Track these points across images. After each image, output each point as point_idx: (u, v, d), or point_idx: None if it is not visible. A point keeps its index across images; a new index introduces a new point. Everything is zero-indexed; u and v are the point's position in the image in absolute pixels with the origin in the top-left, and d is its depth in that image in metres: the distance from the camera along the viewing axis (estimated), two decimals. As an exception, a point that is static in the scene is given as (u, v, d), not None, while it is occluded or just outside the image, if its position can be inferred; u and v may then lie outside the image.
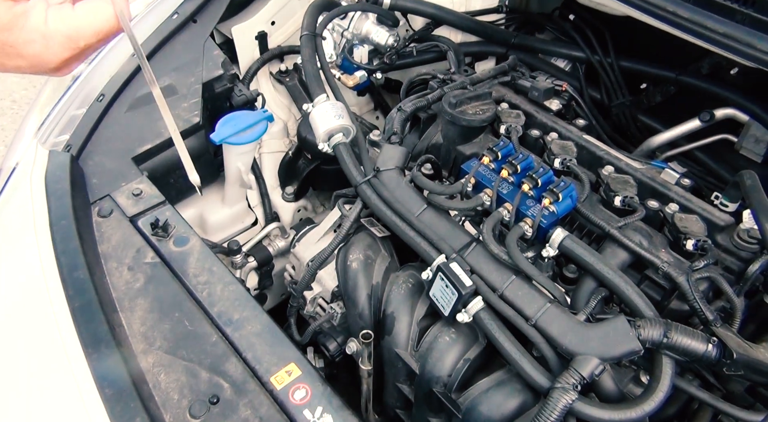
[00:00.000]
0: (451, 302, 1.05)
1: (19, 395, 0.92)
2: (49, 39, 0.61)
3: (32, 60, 0.63)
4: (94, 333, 0.93)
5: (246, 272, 1.60)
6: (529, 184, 1.10)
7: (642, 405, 0.89)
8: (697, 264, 0.98)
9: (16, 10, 0.59)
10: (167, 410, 0.92)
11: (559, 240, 1.04)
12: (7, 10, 0.59)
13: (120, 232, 1.17)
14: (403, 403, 1.24)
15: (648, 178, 1.16)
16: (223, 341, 1.02)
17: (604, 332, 0.94)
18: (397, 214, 1.18)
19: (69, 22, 0.62)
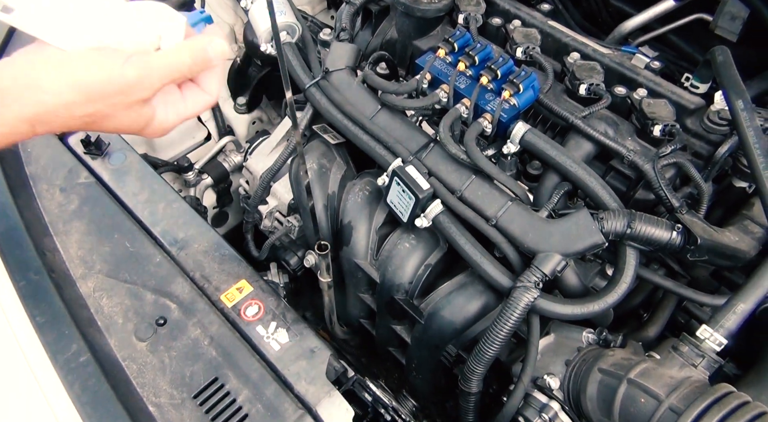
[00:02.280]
0: (409, 208, 1.00)
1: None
2: (166, 129, 0.70)
3: (142, 136, 0.70)
4: (20, 259, 0.86)
5: (202, 190, 1.52)
6: (487, 76, 1.01)
7: (605, 298, 0.87)
8: (664, 150, 0.93)
9: (145, 115, 0.66)
10: (111, 334, 0.88)
11: (520, 135, 0.98)
12: (139, 117, 0.66)
13: (49, 151, 1.08)
14: (366, 313, 1.22)
15: (616, 63, 1.08)
16: (168, 261, 0.97)
17: (567, 227, 0.90)
18: (349, 117, 1.09)
19: (184, 114, 0.70)
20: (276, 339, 0.90)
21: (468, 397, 0.96)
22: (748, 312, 0.78)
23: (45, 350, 0.80)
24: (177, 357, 0.86)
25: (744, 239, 0.89)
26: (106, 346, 0.85)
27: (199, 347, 0.87)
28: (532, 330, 0.91)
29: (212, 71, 0.71)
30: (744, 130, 0.85)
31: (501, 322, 0.87)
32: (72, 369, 0.80)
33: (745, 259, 0.88)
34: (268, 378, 0.85)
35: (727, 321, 0.78)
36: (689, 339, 0.80)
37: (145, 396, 0.82)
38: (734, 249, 0.87)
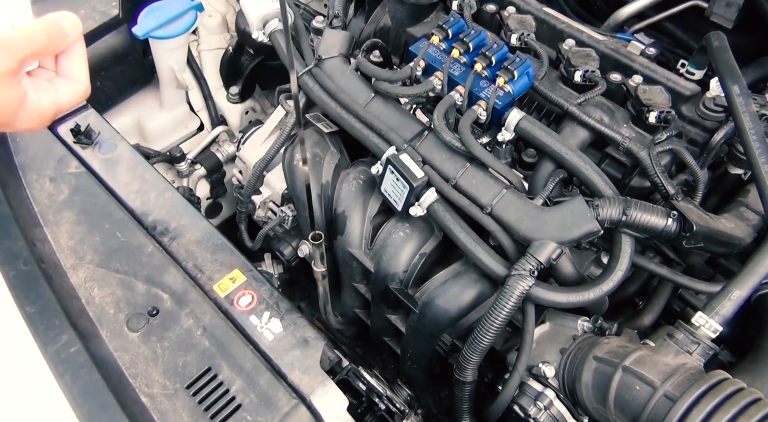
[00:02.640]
0: (403, 196, 0.99)
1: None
2: (42, 116, 0.68)
3: (22, 129, 0.69)
4: (9, 249, 0.85)
5: (195, 181, 1.51)
6: (482, 63, 1.00)
7: (600, 286, 0.86)
8: (660, 137, 0.92)
9: (15, 93, 0.65)
10: (103, 325, 0.87)
11: (515, 122, 0.97)
12: (8, 94, 0.64)
13: (38, 141, 1.06)
14: (361, 303, 1.21)
15: (611, 50, 1.07)
16: (160, 251, 0.96)
17: (562, 214, 0.89)
18: (342, 106, 1.08)
19: (57, 101, 0.69)
20: (269, 329, 0.89)
21: (463, 386, 0.95)
22: (743, 299, 0.78)
23: (35, 340, 0.79)
24: (170, 348, 0.85)
25: (739, 225, 0.89)
26: (97, 337, 0.84)
27: (191, 337, 0.86)
28: (527, 318, 0.91)
29: (75, 56, 0.71)
30: (740, 115, 0.84)
31: (496, 311, 0.86)
32: (63, 359, 0.79)
33: (740, 246, 0.88)
34: (262, 367, 0.84)
35: (723, 308, 0.78)
36: (684, 326, 0.80)
37: (138, 387, 0.81)
38: (730, 236, 0.87)
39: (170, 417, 0.79)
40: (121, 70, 1.34)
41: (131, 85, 1.43)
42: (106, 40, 1.27)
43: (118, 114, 1.42)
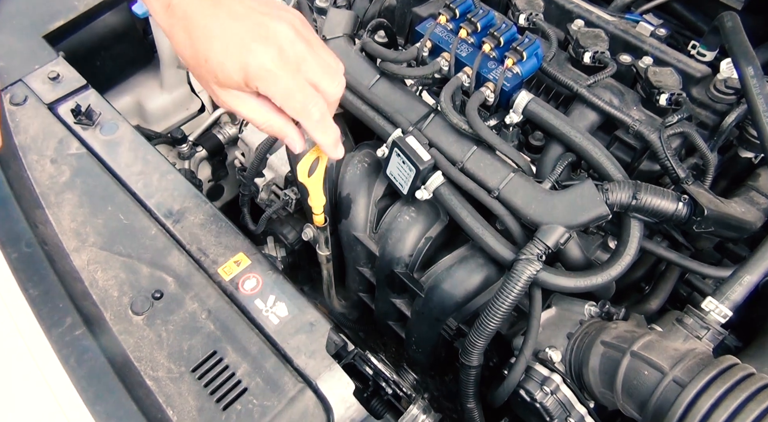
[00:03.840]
0: (409, 180, 0.98)
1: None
2: None
3: None
4: (11, 231, 0.84)
5: (196, 163, 1.50)
6: (490, 43, 0.98)
7: (608, 271, 0.85)
8: (670, 120, 0.90)
9: None
10: (107, 308, 0.86)
11: (523, 104, 0.95)
12: None
13: (38, 121, 1.04)
14: (365, 287, 1.21)
15: (621, 31, 1.05)
16: (164, 234, 0.95)
17: (571, 198, 0.88)
18: (347, 87, 1.06)
19: None
20: (275, 313, 0.88)
21: (468, 370, 0.95)
22: (754, 284, 0.78)
23: (39, 323, 0.78)
24: (174, 331, 0.84)
25: (750, 210, 0.88)
26: (101, 320, 0.83)
27: (196, 321, 0.86)
28: (534, 302, 0.90)
29: None
30: (754, 97, 0.83)
31: (503, 295, 0.85)
32: (67, 342, 0.78)
33: (751, 230, 0.87)
34: (268, 351, 0.84)
35: (733, 293, 0.77)
36: (694, 311, 0.79)
37: (143, 370, 0.81)
38: (740, 220, 0.86)
39: (176, 401, 0.79)
40: (121, 50, 1.32)
41: (131, 66, 1.41)
42: (105, 19, 1.25)
43: (118, 95, 1.40)
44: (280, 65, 0.67)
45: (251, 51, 0.66)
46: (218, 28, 0.65)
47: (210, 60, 0.66)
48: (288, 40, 0.67)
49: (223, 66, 0.66)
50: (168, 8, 0.66)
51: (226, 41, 0.65)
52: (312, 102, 0.70)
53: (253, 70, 0.66)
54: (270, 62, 0.66)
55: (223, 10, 0.66)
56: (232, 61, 0.66)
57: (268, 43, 0.66)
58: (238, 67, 0.66)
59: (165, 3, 0.66)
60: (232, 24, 0.66)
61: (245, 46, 0.66)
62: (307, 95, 0.69)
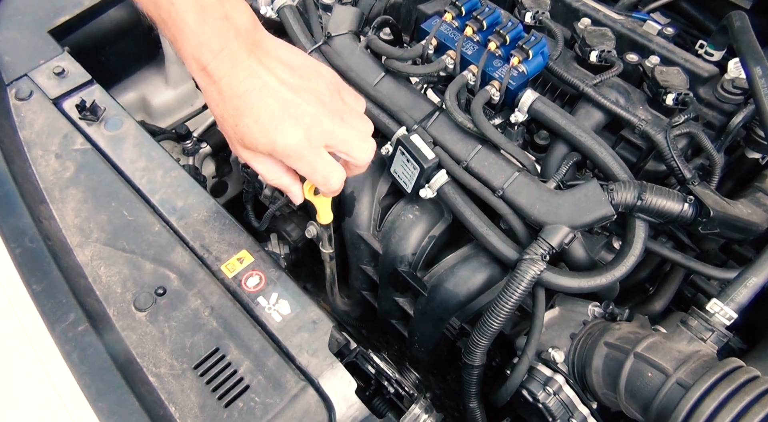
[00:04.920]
0: (413, 178, 0.98)
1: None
2: None
3: None
4: (15, 226, 0.84)
5: (200, 159, 1.50)
6: (496, 41, 0.98)
7: (613, 271, 0.85)
8: (677, 120, 0.90)
9: None
10: (110, 304, 0.86)
11: (529, 103, 0.95)
12: None
13: (43, 116, 1.04)
14: (368, 285, 1.21)
15: (628, 29, 1.05)
16: (167, 230, 0.95)
17: (575, 198, 0.88)
18: (352, 84, 1.06)
19: None
20: (277, 311, 0.88)
21: (471, 370, 0.95)
22: (760, 286, 0.77)
23: (42, 319, 0.79)
24: (177, 328, 0.84)
25: (756, 211, 0.87)
26: (104, 316, 0.83)
27: (199, 317, 0.86)
28: (538, 302, 0.90)
29: None
30: (761, 97, 0.82)
31: (506, 295, 0.85)
32: (70, 338, 0.78)
33: (757, 232, 0.87)
34: (270, 349, 0.84)
35: (739, 295, 0.77)
36: (698, 312, 0.79)
37: (145, 367, 0.81)
38: (746, 222, 0.85)
39: (178, 397, 0.79)
40: (127, 45, 1.32)
41: (136, 61, 1.41)
42: (110, 14, 1.25)
43: (122, 90, 1.40)
44: (306, 146, 0.71)
45: (280, 130, 0.69)
46: (251, 101, 0.68)
47: (239, 127, 0.70)
48: (316, 119, 0.71)
49: (252, 137, 0.70)
50: (203, 70, 0.68)
51: (257, 115, 0.69)
52: (334, 176, 0.75)
53: (281, 148, 0.70)
54: (297, 144, 0.70)
55: (258, 82, 0.69)
56: (261, 136, 0.69)
57: (296, 124, 0.70)
58: (266, 142, 0.70)
59: (201, 66, 0.67)
60: (265, 99, 0.69)
61: (275, 125, 0.69)
62: (329, 171, 0.75)
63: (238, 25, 0.67)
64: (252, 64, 0.69)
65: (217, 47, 0.66)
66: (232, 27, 0.66)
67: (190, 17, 0.64)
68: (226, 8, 0.66)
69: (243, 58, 0.68)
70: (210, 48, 0.65)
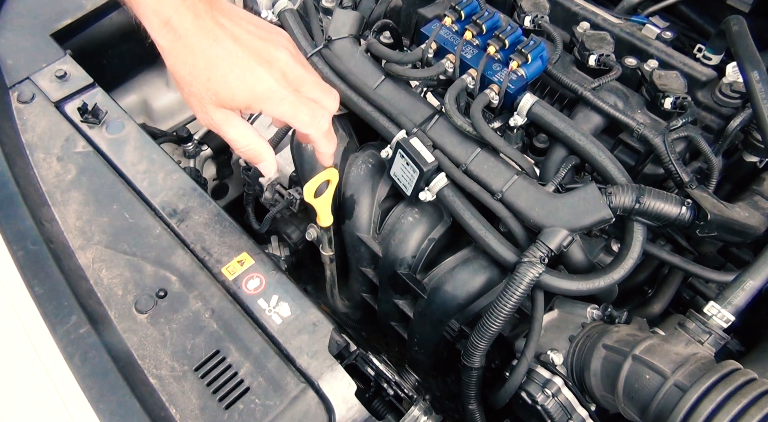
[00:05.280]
0: (413, 181, 0.98)
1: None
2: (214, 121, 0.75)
3: None
4: (17, 229, 0.85)
5: (201, 162, 1.50)
6: (495, 45, 0.98)
7: (611, 274, 0.85)
8: (675, 123, 0.90)
9: None
10: (111, 306, 0.87)
11: (528, 106, 0.95)
12: None
13: (45, 119, 1.05)
14: (368, 287, 1.21)
15: (626, 33, 1.05)
16: (168, 233, 0.95)
17: (574, 201, 0.88)
18: (352, 88, 1.07)
19: None
20: (278, 313, 0.89)
21: (470, 372, 0.95)
22: (757, 289, 0.77)
23: (44, 321, 0.79)
24: (178, 330, 0.85)
25: (754, 214, 0.88)
26: (106, 318, 0.84)
27: (200, 320, 0.86)
28: (536, 305, 0.90)
29: None
30: (759, 101, 0.83)
31: (505, 297, 0.86)
32: (72, 340, 0.79)
33: (754, 235, 0.87)
34: (270, 351, 0.84)
35: (736, 298, 0.77)
36: (696, 315, 0.79)
37: (146, 368, 0.81)
38: (744, 225, 0.86)
39: (179, 399, 0.79)
40: (128, 48, 1.33)
41: (138, 64, 1.41)
42: (112, 17, 1.26)
43: (124, 93, 1.41)
44: (285, 86, 0.72)
45: (257, 75, 0.70)
46: (222, 51, 0.68)
47: (212, 80, 0.69)
48: (288, 64, 0.73)
49: (228, 87, 0.69)
50: (166, 25, 0.68)
51: (230, 64, 0.68)
52: (319, 114, 0.76)
53: (260, 92, 0.70)
54: (275, 85, 0.71)
55: (225, 32, 0.69)
56: (238, 84, 0.69)
57: (271, 67, 0.71)
58: (244, 89, 0.69)
59: (163, 19, 0.68)
60: (235, 47, 0.69)
61: (250, 70, 0.69)
62: (313, 109, 0.75)
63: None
64: (216, 15, 0.69)
65: None
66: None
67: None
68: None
69: (205, 10, 0.68)
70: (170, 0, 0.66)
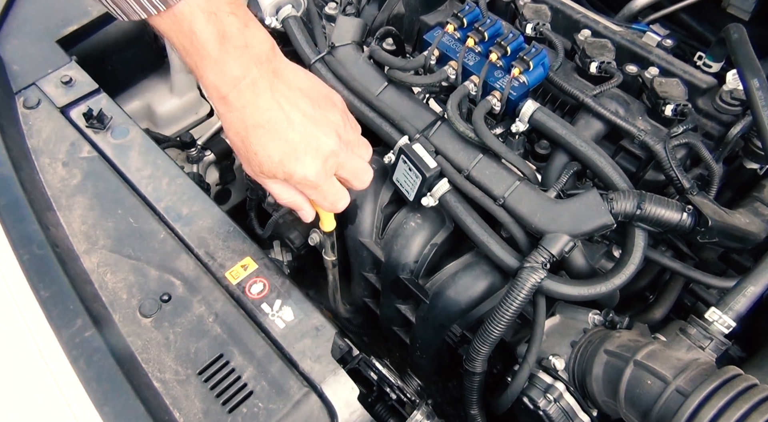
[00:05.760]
0: (415, 186, 0.99)
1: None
2: None
3: None
4: (23, 233, 0.85)
5: (204, 167, 1.51)
6: (497, 52, 0.99)
7: (612, 279, 0.86)
8: (676, 130, 0.91)
9: None
10: (116, 310, 0.87)
11: (529, 113, 0.96)
12: None
13: (50, 124, 1.06)
14: (370, 292, 1.21)
15: (627, 41, 1.06)
16: (173, 237, 0.96)
17: (575, 207, 0.89)
18: (355, 94, 1.08)
19: None
20: (281, 317, 0.89)
21: (472, 377, 0.96)
22: (757, 295, 0.78)
23: (50, 324, 0.80)
24: (182, 334, 0.85)
25: (755, 221, 0.88)
26: (110, 322, 0.85)
27: (203, 324, 0.87)
28: (538, 310, 0.91)
29: None
30: (759, 109, 0.83)
31: (507, 302, 0.86)
32: (77, 343, 0.79)
33: (755, 241, 0.88)
34: (273, 355, 0.85)
35: (737, 304, 0.78)
36: (697, 321, 0.79)
37: (150, 372, 0.82)
38: (745, 231, 0.86)
39: (182, 403, 0.80)
40: (133, 54, 1.34)
41: (142, 70, 1.42)
42: (117, 24, 1.27)
43: (128, 98, 1.42)
44: (322, 177, 0.76)
45: (301, 163, 0.73)
46: (273, 133, 0.71)
47: (259, 155, 0.72)
48: (333, 153, 0.76)
49: (271, 166, 0.73)
50: (223, 99, 0.69)
51: (279, 147, 0.72)
52: (341, 201, 0.82)
53: (298, 178, 0.75)
54: (314, 175, 0.75)
55: (280, 114, 0.71)
56: (281, 166, 0.73)
57: (316, 157, 0.74)
58: (285, 172, 0.74)
59: (221, 94, 0.69)
60: (287, 132, 0.72)
61: (297, 157, 0.73)
62: (339, 197, 0.81)
63: (258, 54, 0.68)
64: (274, 95, 0.71)
65: (239, 75, 0.67)
66: (253, 55, 0.67)
67: (212, 46, 0.64)
68: (247, 37, 0.66)
69: (264, 87, 0.69)
70: (232, 76, 0.67)
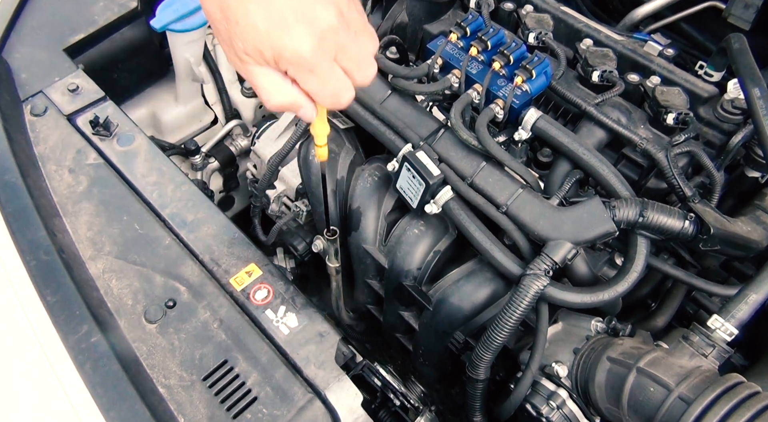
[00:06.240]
0: (418, 194, 1.00)
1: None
2: None
3: None
4: (30, 239, 0.86)
5: (208, 174, 1.52)
6: (500, 61, 1.00)
7: (615, 287, 0.86)
8: (677, 138, 0.92)
9: None
10: (121, 316, 0.88)
11: (532, 121, 0.97)
12: None
13: (57, 132, 1.07)
14: (373, 299, 1.22)
15: (629, 50, 1.07)
16: (178, 244, 0.97)
17: (578, 215, 0.90)
18: (359, 102, 1.09)
19: None
20: (285, 323, 0.90)
21: (475, 384, 0.96)
22: (759, 303, 0.78)
23: (56, 330, 0.80)
24: (186, 340, 0.86)
25: (756, 229, 0.89)
26: (116, 327, 0.85)
27: (208, 330, 0.87)
28: (541, 317, 0.91)
29: None
30: (760, 118, 0.84)
31: (510, 310, 0.87)
32: (83, 349, 0.80)
33: (757, 249, 0.88)
34: (278, 361, 0.85)
35: (739, 312, 0.78)
36: (700, 328, 0.80)
37: (155, 378, 0.82)
38: (746, 239, 0.87)
39: (187, 408, 0.80)
40: (138, 62, 1.35)
41: (147, 78, 1.44)
42: (123, 32, 1.28)
43: (133, 106, 1.43)
44: (319, 56, 0.61)
45: (291, 32, 0.59)
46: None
47: (241, 24, 0.59)
48: (332, 28, 0.60)
49: (256, 39, 0.60)
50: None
51: (264, 12, 0.59)
52: (346, 93, 0.65)
53: (288, 54, 0.60)
54: (309, 52, 0.60)
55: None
56: (267, 37, 0.59)
57: (310, 30, 0.59)
58: (272, 47, 0.60)
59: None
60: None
61: (286, 25, 0.59)
62: (340, 86, 0.64)
63: None
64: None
65: None
66: None
67: None
68: None
69: None
70: None
